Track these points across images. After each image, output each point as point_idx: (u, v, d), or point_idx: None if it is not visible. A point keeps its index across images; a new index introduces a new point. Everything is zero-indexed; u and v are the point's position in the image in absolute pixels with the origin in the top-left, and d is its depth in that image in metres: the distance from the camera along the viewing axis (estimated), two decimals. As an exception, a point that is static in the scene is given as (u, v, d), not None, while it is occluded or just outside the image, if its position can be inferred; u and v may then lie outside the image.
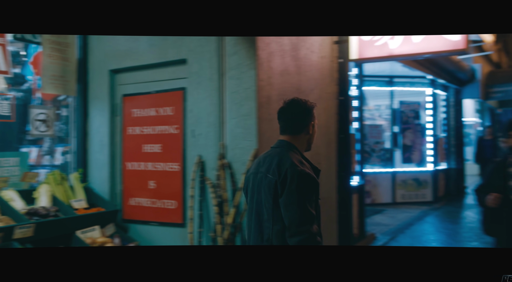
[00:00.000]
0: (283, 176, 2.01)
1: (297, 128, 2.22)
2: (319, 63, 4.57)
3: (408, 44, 4.46)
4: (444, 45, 4.33)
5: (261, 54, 3.69)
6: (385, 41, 4.59)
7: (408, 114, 10.00)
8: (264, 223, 2.08)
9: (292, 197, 1.98)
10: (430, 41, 4.37)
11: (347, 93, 5.39)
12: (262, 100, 3.71)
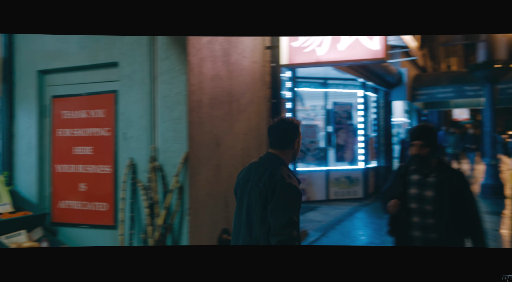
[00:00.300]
0: (273, 187, 2.30)
1: (284, 144, 2.46)
2: (250, 67, 4.74)
3: (334, 52, 4.75)
4: (365, 54, 4.66)
5: (192, 59, 3.79)
6: (313, 48, 4.85)
7: (341, 115, 10.47)
8: (254, 225, 2.36)
9: (279, 205, 2.28)
10: (353, 50, 4.68)
11: (279, 96, 5.61)
12: (193, 104, 3.81)
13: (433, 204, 2.81)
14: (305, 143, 10.13)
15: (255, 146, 4.85)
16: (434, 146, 2.84)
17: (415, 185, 2.90)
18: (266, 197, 2.30)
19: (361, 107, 10.59)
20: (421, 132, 2.87)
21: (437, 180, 2.83)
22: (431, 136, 2.85)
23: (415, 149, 2.85)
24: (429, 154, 2.82)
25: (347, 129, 10.44)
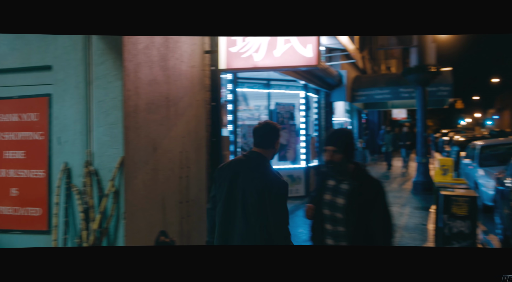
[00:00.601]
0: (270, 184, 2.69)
1: (267, 144, 2.85)
2: (189, 72, 4.83)
3: (270, 58, 4.94)
4: (299, 61, 4.89)
5: (128, 65, 3.83)
6: (250, 54, 5.01)
7: (284, 115, 10.76)
8: (250, 216, 2.69)
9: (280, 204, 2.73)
10: (288, 57, 4.90)
11: (219, 99, 5.74)
12: (129, 109, 3.86)
13: (343, 212, 2.71)
14: (249, 143, 10.33)
15: (193, 149, 4.95)
16: (348, 152, 2.74)
17: (330, 191, 2.80)
18: (263, 192, 2.67)
19: (303, 107, 10.93)
20: (334, 137, 2.78)
21: (349, 187, 2.73)
22: (345, 141, 2.75)
23: (328, 155, 2.75)
24: (343, 160, 2.72)
25: (289, 129, 10.74)
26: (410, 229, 7.43)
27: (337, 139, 2.75)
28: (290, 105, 10.86)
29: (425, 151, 11.22)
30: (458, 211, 5.76)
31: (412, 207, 9.29)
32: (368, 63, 17.91)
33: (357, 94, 13.81)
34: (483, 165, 9.56)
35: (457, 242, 5.80)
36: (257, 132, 2.87)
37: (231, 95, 6.75)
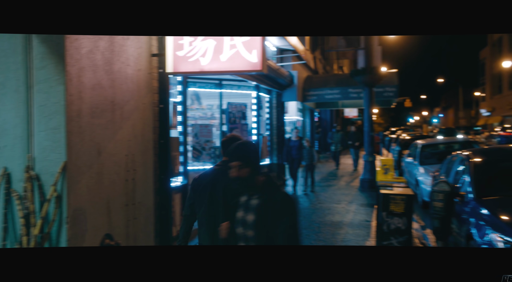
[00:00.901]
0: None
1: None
2: (135, 75, 4.86)
3: (216, 62, 5.05)
4: (245, 66, 5.03)
5: (70, 69, 3.82)
6: (197, 58, 5.09)
7: (236, 115, 10.90)
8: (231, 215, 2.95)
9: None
10: (234, 61, 5.02)
11: (167, 101, 5.78)
12: (72, 113, 3.85)
13: (254, 230, 2.56)
14: (201, 142, 10.38)
15: (140, 151, 4.98)
16: (254, 164, 2.59)
17: (241, 207, 2.66)
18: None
19: (254, 107, 11.11)
20: (238, 152, 2.61)
21: (259, 202, 2.58)
22: (249, 154, 2.61)
23: (234, 171, 2.58)
24: (250, 174, 2.57)
25: (241, 129, 10.88)
26: (355, 226, 7.77)
27: (241, 153, 2.59)
28: (242, 104, 11.01)
29: (372, 150, 11.69)
30: (395, 208, 6.13)
31: (358, 204, 9.69)
32: (319, 63, 18.35)
33: (308, 94, 14.15)
34: (423, 163, 10.12)
35: (394, 237, 6.17)
36: (225, 144, 3.22)
37: (181, 96, 6.79)
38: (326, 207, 9.49)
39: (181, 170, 6.79)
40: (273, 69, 10.41)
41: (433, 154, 10.67)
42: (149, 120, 5.25)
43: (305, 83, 14.25)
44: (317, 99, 14.22)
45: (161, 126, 5.66)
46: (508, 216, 4.47)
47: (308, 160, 11.32)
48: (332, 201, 10.13)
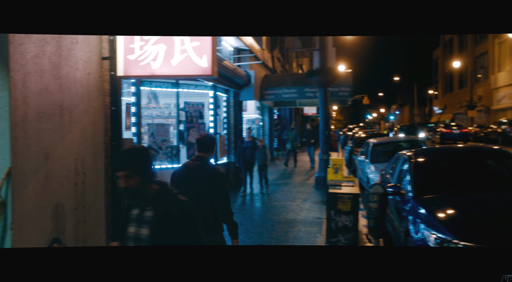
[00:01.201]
0: (213, 176, 3.66)
1: (208, 150, 3.80)
2: (85, 79, 4.86)
3: (167, 66, 5.12)
4: (195, 70, 5.13)
5: (15, 75, 3.81)
6: (148, 62, 5.15)
7: (193, 114, 10.95)
8: (202, 201, 3.60)
9: (223, 189, 3.71)
10: (184, 66, 5.12)
11: (119, 103, 5.80)
12: (17, 119, 3.84)
13: (148, 244, 2.40)
14: (157, 142, 10.38)
15: (90, 155, 4.99)
16: (144, 173, 2.33)
17: (133, 221, 2.41)
18: (210, 182, 3.63)
19: (211, 106, 11.20)
20: (125, 159, 2.34)
21: (154, 214, 2.36)
22: (139, 161, 2.34)
23: (121, 181, 2.30)
24: (141, 183, 2.30)
25: (198, 128, 10.95)
26: (307, 223, 8.04)
27: (129, 161, 2.33)
28: (199, 104, 11.07)
29: (327, 148, 12.04)
30: (343, 207, 6.42)
31: (312, 202, 9.99)
32: (278, 62, 18.61)
33: (266, 93, 14.37)
34: (374, 162, 10.55)
35: (342, 235, 6.45)
36: (200, 142, 3.82)
37: (134, 97, 6.80)
38: (281, 205, 9.73)
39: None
40: (230, 69, 10.53)
41: (384, 152, 11.12)
42: (100, 122, 5.26)
43: (263, 82, 14.46)
44: (274, 98, 14.46)
45: (113, 128, 5.67)
46: (441, 214, 4.81)
47: (261, 161, 11.26)
48: (287, 199, 10.39)
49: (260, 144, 11.24)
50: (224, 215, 3.71)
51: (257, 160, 11.25)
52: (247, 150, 11.07)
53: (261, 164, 11.26)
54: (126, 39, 5.16)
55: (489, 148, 6.72)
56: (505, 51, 34.92)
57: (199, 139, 3.84)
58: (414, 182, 5.63)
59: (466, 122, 40.37)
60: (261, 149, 11.21)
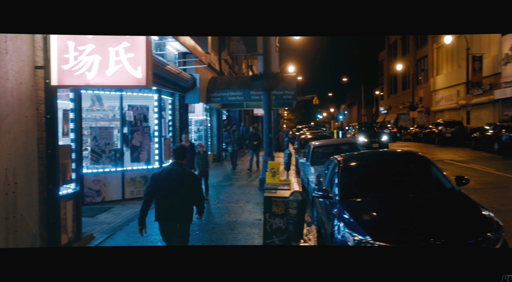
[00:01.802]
0: (191, 178, 4.90)
1: (182, 157, 4.91)
2: (16, 89, 4.86)
3: (102, 76, 5.22)
4: (130, 81, 5.26)
5: None
6: (83, 72, 5.22)
7: (137, 117, 10.96)
8: (183, 196, 4.77)
9: (198, 187, 5.01)
10: (119, 76, 5.23)
11: (54, 111, 5.80)
12: None
13: None
14: (100, 145, 10.32)
15: (22, 164, 4.99)
16: None
17: None
18: (189, 182, 4.81)
19: (156, 109, 11.25)
20: None
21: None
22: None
23: None
24: None
25: (142, 131, 10.97)
26: (247, 225, 8.33)
27: None
28: (144, 107, 11.09)
29: (271, 150, 12.41)
30: (277, 210, 6.75)
31: (254, 203, 10.29)
32: (225, 64, 18.81)
33: (212, 95, 14.54)
34: (314, 164, 11.01)
35: (276, 236, 6.79)
36: (176, 151, 4.92)
37: (73, 103, 6.80)
38: (224, 207, 9.97)
39: (73, 177, 6.82)
40: (174, 73, 10.63)
41: (324, 154, 11.61)
42: (34, 131, 5.27)
43: (209, 85, 14.63)
44: (221, 100, 14.66)
45: (48, 136, 5.69)
46: (360, 216, 5.23)
47: (202, 167, 10.62)
48: (231, 201, 10.64)
49: (201, 150, 10.72)
50: (198, 202, 5.00)
51: (197, 166, 10.68)
52: None
53: (201, 170, 10.66)
54: (60, 49, 5.20)
55: (406, 152, 7.26)
56: (443, 55, 37.03)
57: (176, 149, 4.92)
58: (340, 186, 6.05)
59: (409, 122, 42.39)
60: (201, 155, 10.68)
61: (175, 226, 4.75)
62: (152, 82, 5.42)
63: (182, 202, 4.74)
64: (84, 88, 5.69)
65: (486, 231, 4.67)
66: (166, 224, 4.75)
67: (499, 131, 20.48)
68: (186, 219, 4.81)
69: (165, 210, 4.72)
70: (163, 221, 4.76)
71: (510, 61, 26.50)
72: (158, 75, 10.02)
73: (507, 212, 8.13)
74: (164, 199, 4.72)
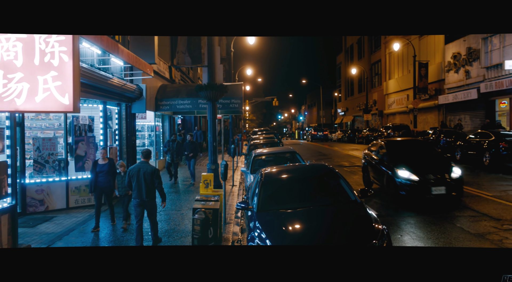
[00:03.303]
0: (155, 171, 7.64)
1: (148, 157, 7.81)
2: None
3: (31, 102, 5.63)
4: (58, 107, 5.70)
5: None
6: (12, 98, 5.60)
7: (82, 128, 11.25)
8: (148, 184, 7.56)
9: (159, 177, 7.66)
10: (47, 103, 5.66)
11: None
12: None
13: None
14: (44, 156, 10.56)
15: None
16: None
17: None
18: (151, 174, 7.53)
19: (101, 120, 11.58)
20: None
21: None
22: None
23: None
24: None
25: (87, 141, 11.27)
26: (183, 232, 8.82)
27: None
28: (89, 117, 11.38)
29: (215, 158, 12.92)
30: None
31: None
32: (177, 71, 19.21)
33: (161, 103, 14.95)
34: (254, 172, 11.60)
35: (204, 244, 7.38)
36: (144, 153, 7.78)
37: (8, 121, 7.12)
38: (166, 213, 10.42)
39: (9, 191, 7.13)
40: (118, 86, 11.01)
41: (265, 162, 12.23)
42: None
43: (158, 93, 15.02)
44: (169, 109, 15.08)
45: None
46: (268, 227, 5.87)
47: (122, 191, 9.05)
48: (174, 209, 11.10)
49: (121, 170, 9.05)
50: (160, 189, 7.62)
51: (116, 189, 9.19)
52: (101, 175, 8.94)
53: (122, 195, 9.11)
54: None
55: (321, 167, 7.85)
56: (394, 61, 38.69)
57: (144, 152, 7.85)
58: (258, 199, 6.70)
59: (364, 124, 43.92)
60: (122, 176, 8.98)
61: (143, 202, 7.56)
62: (79, 109, 5.87)
63: (147, 186, 7.53)
64: (12, 113, 6.03)
65: (372, 240, 5.42)
66: (139, 200, 7.56)
67: (438, 136, 21.85)
68: (151, 197, 7.62)
69: (136, 191, 7.57)
70: (136, 198, 7.58)
71: (452, 69, 28.18)
72: (102, 89, 10.39)
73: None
74: (136, 184, 7.53)
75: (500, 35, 22.16)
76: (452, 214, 9.32)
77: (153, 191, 7.61)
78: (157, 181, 7.51)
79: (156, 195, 7.73)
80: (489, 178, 13.98)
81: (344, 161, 20.82)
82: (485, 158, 16.70)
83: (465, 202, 10.29)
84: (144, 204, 7.55)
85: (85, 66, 9.67)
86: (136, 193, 7.54)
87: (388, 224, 8.41)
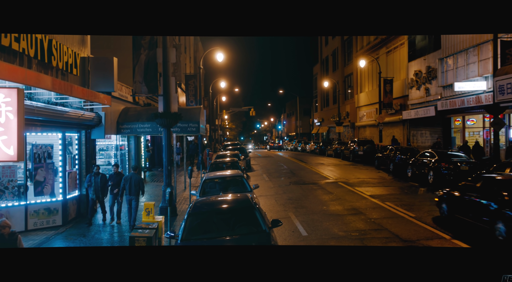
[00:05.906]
0: (141, 180, 12.54)
1: (136, 170, 12.81)
2: None
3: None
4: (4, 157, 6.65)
5: None
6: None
7: (41, 155, 12.05)
8: (133, 188, 12.18)
9: (142, 184, 12.53)
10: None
11: None
12: None
13: None
14: (3, 182, 11.34)
15: None
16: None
17: None
18: (138, 181, 12.27)
19: (60, 147, 12.41)
20: None
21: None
22: None
23: None
24: None
25: (46, 167, 12.07)
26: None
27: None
28: (48, 145, 12.18)
29: (169, 181, 13.85)
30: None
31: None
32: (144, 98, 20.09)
33: (122, 127, 15.84)
34: (202, 195, 12.53)
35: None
36: (133, 167, 13.07)
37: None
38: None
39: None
40: (75, 117, 11.90)
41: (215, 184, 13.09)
42: None
43: (120, 117, 15.92)
44: (130, 132, 15.98)
45: None
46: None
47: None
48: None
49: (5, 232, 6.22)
50: (142, 190, 12.40)
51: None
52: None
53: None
54: None
55: (241, 200, 8.71)
56: (364, 75, 40.10)
57: (133, 166, 13.34)
58: (182, 229, 7.65)
59: (337, 136, 45.12)
60: (6, 239, 6.17)
61: (132, 198, 12.14)
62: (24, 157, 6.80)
63: (135, 187, 12.11)
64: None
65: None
66: (129, 196, 12.11)
67: (395, 153, 23.08)
68: (136, 194, 12.18)
69: (127, 191, 12.15)
70: (127, 195, 12.16)
71: (414, 86, 29.55)
72: (59, 121, 11.29)
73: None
74: (129, 186, 12.10)
75: (453, 56, 23.53)
76: None
77: (138, 191, 12.28)
78: (141, 185, 12.35)
79: (139, 194, 12.37)
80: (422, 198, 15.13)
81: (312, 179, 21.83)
82: (430, 176, 17.95)
83: None
84: (132, 199, 12.18)
85: (41, 105, 10.57)
86: (127, 191, 12.19)
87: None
